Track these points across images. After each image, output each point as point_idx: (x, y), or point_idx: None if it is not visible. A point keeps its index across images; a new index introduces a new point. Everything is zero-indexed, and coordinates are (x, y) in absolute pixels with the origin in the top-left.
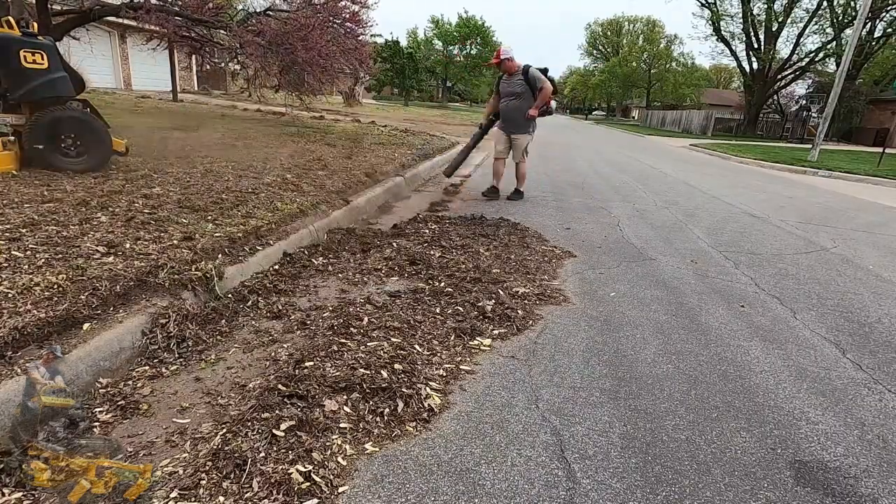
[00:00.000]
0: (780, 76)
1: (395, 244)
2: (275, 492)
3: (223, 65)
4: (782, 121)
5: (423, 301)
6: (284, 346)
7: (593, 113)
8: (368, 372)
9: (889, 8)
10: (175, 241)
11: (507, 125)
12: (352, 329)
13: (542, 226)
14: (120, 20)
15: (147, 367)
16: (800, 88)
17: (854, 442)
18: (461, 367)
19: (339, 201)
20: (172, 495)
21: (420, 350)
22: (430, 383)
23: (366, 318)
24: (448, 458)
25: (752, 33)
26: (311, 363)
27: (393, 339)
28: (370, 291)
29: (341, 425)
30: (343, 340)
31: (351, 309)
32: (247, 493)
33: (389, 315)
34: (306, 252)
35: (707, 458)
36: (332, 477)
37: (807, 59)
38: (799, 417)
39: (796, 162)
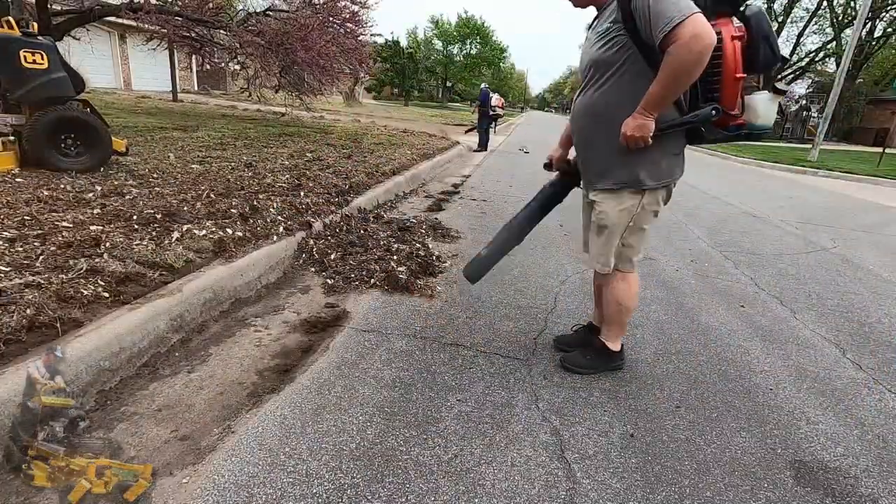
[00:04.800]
0: (779, 76)
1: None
2: None
3: (223, 65)
4: (782, 121)
5: None
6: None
7: None
8: None
9: (889, 8)
10: (174, 242)
11: (580, 163)
12: None
13: (541, 226)
14: (120, 20)
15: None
16: (800, 88)
17: (854, 442)
18: None
19: (340, 201)
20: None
21: None
22: None
23: None
24: (448, 458)
25: None
26: None
27: None
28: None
29: None
30: None
31: None
32: None
33: None
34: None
35: (707, 458)
36: None
37: (807, 59)
38: (799, 417)
39: (796, 162)
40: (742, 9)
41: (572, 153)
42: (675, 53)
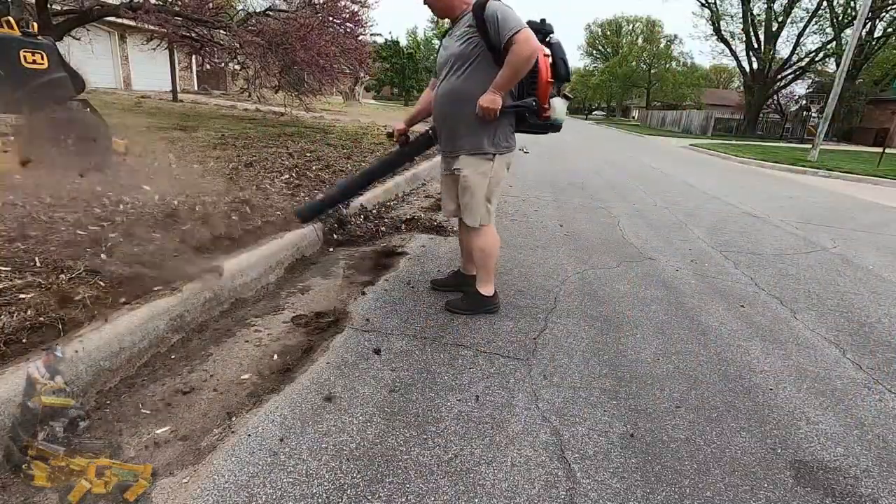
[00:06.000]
0: (780, 76)
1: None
2: None
3: (223, 65)
4: (782, 121)
5: None
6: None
7: (593, 113)
8: None
9: (889, 8)
10: (174, 243)
11: (443, 137)
12: None
13: (541, 226)
14: (120, 20)
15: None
16: (800, 88)
17: (854, 442)
18: None
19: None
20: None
21: None
22: None
23: None
24: (448, 458)
25: (752, 33)
26: None
27: None
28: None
29: None
30: None
31: None
32: None
33: None
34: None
35: (707, 458)
36: None
37: (807, 59)
38: (799, 417)
39: (796, 162)
40: (548, 40)
41: (421, 129)
42: (516, 49)
